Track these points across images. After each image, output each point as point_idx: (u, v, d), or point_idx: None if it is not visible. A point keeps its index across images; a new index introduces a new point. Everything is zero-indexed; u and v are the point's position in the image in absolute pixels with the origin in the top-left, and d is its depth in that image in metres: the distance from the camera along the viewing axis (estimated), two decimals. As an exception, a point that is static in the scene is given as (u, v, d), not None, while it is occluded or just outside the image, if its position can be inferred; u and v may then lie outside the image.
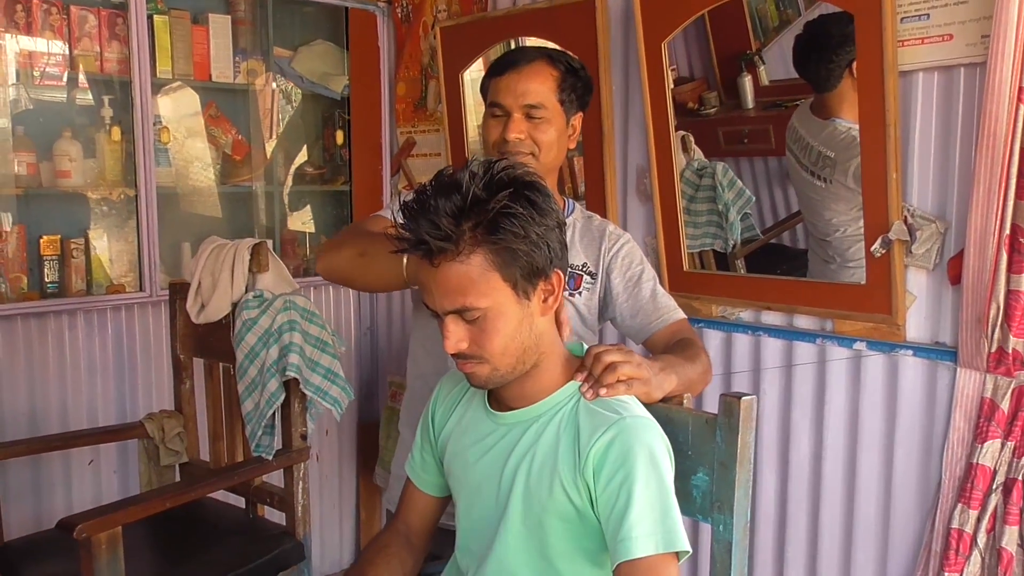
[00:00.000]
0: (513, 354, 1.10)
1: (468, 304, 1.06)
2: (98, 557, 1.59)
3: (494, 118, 1.48)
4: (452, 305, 1.07)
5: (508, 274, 1.06)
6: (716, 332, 2.13)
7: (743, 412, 1.17)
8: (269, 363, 1.95)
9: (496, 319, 1.07)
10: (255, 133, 2.86)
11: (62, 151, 2.39)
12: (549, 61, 1.48)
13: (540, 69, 1.47)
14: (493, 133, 1.47)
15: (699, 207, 2.22)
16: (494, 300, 1.06)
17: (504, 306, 1.07)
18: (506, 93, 1.45)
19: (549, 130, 1.47)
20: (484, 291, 1.05)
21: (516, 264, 1.06)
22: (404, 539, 1.31)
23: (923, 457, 1.77)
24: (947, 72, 1.70)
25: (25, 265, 2.35)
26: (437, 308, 1.09)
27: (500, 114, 1.47)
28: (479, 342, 1.08)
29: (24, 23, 2.29)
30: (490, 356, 1.09)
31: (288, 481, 2.00)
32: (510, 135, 1.44)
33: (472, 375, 1.12)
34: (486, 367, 1.10)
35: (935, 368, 1.74)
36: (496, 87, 1.48)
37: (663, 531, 1.03)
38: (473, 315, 1.07)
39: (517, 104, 1.45)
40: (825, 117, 1.98)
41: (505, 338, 1.08)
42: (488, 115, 1.49)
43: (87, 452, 2.45)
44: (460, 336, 1.09)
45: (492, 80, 1.49)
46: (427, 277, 1.08)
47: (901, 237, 1.73)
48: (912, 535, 1.78)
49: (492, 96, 1.48)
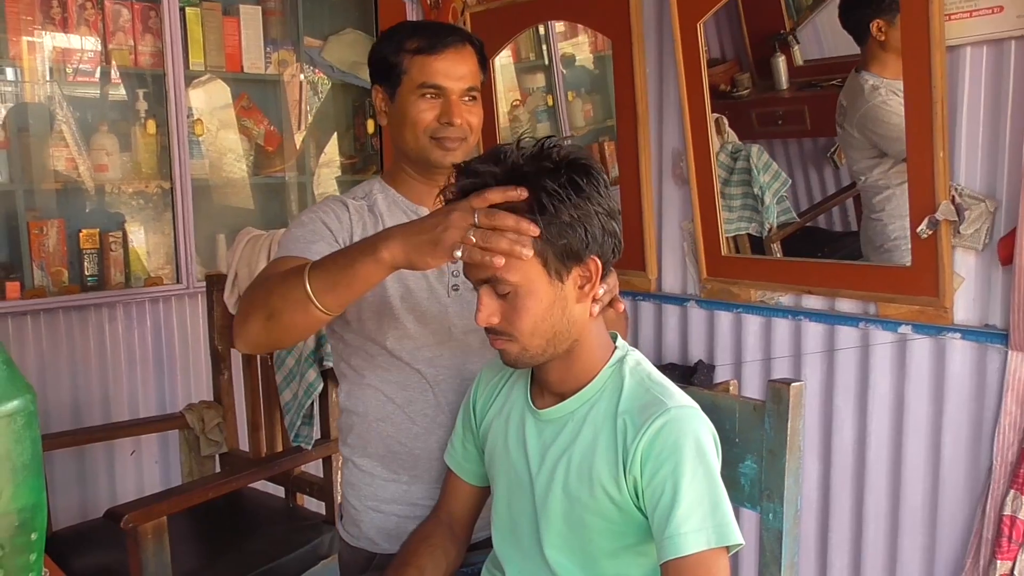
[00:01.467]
0: (543, 335, 1.09)
1: (499, 275, 1.05)
2: (144, 546, 1.61)
3: (426, 99, 1.35)
4: (484, 273, 1.06)
5: (540, 249, 1.04)
6: (755, 317, 2.09)
7: (792, 398, 1.15)
8: (306, 353, 1.96)
9: (527, 297, 1.06)
10: (286, 124, 2.87)
11: (99, 145, 2.42)
12: (469, 41, 1.40)
13: (468, 51, 1.39)
14: (427, 116, 1.35)
15: (733, 191, 2.19)
16: (525, 276, 1.05)
17: (535, 284, 1.06)
18: (444, 75, 1.35)
19: (479, 113, 1.40)
20: (516, 264, 1.04)
21: (549, 239, 1.04)
22: (447, 529, 1.31)
23: (972, 443, 1.73)
24: (997, 46, 1.64)
25: (66, 259, 2.39)
26: (471, 276, 1.09)
27: (434, 96, 1.35)
28: (509, 318, 1.08)
29: (60, 19, 2.32)
30: (519, 334, 1.08)
31: (327, 470, 2.01)
32: (455, 119, 1.35)
33: (503, 352, 1.12)
34: (516, 345, 1.09)
35: (984, 351, 1.70)
36: (431, 68, 1.35)
37: (714, 525, 1.01)
38: (504, 288, 1.06)
39: (456, 87, 1.36)
40: (857, 70, 1.97)
41: (535, 318, 1.07)
42: (417, 97, 1.35)
43: (129, 443, 2.49)
44: (492, 310, 1.08)
45: (420, 58, 1.35)
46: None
47: (949, 217, 1.69)
48: (961, 522, 1.75)
49: (425, 77, 1.34)
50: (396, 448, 1.40)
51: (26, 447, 0.58)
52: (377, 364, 1.40)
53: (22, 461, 0.57)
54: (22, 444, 0.57)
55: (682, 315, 2.26)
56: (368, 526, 1.43)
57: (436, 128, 1.36)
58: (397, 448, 1.40)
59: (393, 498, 1.41)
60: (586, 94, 2.92)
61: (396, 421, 1.40)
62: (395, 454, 1.40)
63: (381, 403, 1.40)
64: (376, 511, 1.42)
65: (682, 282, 2.28)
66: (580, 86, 2.91)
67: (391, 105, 1.39)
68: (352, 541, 1.46)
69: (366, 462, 1.43)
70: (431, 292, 1.38)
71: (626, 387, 1.12)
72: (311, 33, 2.86)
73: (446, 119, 1.35)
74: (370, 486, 1.43)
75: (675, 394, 1.11)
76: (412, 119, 1.36)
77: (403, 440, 1.40)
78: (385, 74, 1.38)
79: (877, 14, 1.88)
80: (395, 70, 1.36)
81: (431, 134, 1.36)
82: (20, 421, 0.57)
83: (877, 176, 1.95)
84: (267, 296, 1.16)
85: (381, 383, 1.40)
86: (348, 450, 1.47)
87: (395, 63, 1.36)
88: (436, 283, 1.39)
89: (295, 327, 1.14)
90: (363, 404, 1.42)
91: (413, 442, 1.39)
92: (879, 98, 1.92)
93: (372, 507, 1.42)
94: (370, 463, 1.43)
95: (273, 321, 1.14)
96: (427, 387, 1.38)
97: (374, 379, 1.40)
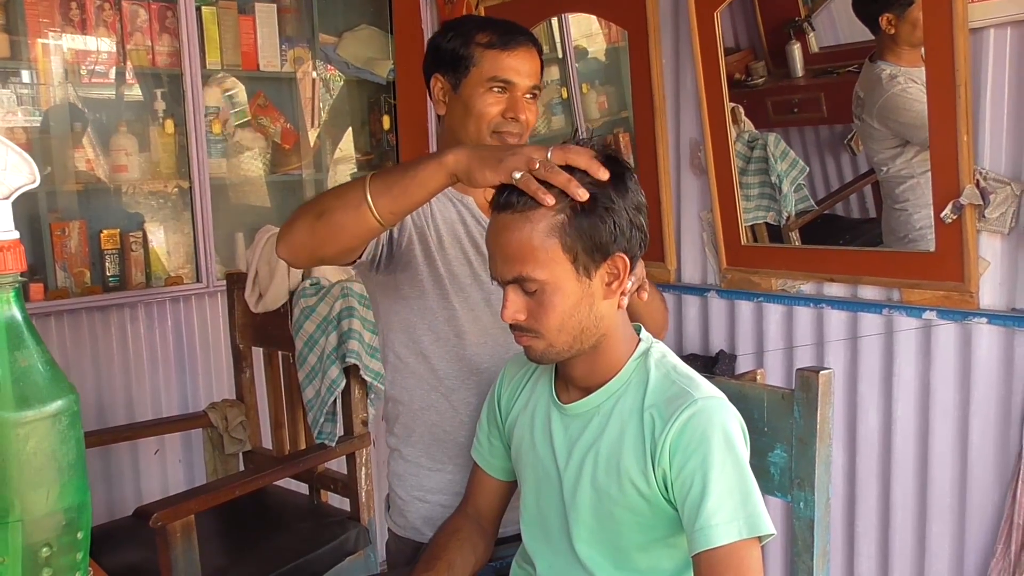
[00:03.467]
0: (570, 332, 1.08)
1: (526, 273, 1.04)
2: (174, 544, 1.63)
3: (493, 93, 1.36)
4: (511, 273, 1.06)
5: (568, 244, 1.04)
6: (777, 306, 2.08)
7: (821, 386, 1.14)
8: (329, 350, 1.96)
9: (554, 294, 1.06)
10: (303, 121, 2.88)
11: (119, 146, 2.44)
12: (535, 42, 1.42)
13: (535, 51, 1.40)
14: (493, 110, 1.36)
15: (751, 179, 2.18)
16: (552, 273, 1.05)
17: (563, 281, 1.06)
18: (516, 71, 1.36)
19: (537, 111, 1.42)
20: (543, 261, 1.04)
21: (578, 234, 1.04)
22: (475, 523, 1.31)
23: (1001, 427, 1.72)
24: (1020, 27, 1.62)
25: (87, 259, 2.40)
26: (497, 275, 1.09)
27: (501, 91, 1.36)
28: (536, 315, 1.07)
29: (79, 20, 2.33)
30: (546, 331, 1.08)
31: (351, 467, 2.01)
32: (521, 115, 1.36)
33: (528, 348, 1.11)
34: (542, 342, 1.09)
35: (1012, 335, 1.69)
36: (504, 63, 1.36)
37: (745, 516, 1.00)
38: (531, 286, 1.06)
39: (525, 84, 1.37)
40: (872, 60, 1.95)
41: (562, 315, 1.07)
42: (485, 90, 1.36)
43: (152, 442, 2.51)
44: (518, 307, 1.07)
45: (493, 52, 1.36)
46: (492, 239, 1.08)
47: (973, 201, 1.67)
48: (991, 507, 1.74)
49: (496, 71, 1.35)
50: (441, 436, 1.42)
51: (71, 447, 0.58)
52: (422, 350, 1.41)
53: (68, 460, 0.58)
54: (67, 444, 0.58)
55: (702, 305, 2.25)
56: (414, 516, 1.45)
57: (500, 122, 1.36)
58: (442, 436, 1.42)
59: (438, 488, 1.43)
60: (600, 86, 2.91)
61: (440, 409, 1.41)
62: (440, 442, 1.42)
63: (425, 392, 1.42)
64: (422, 501, 1.44)
65: (702, 272, 2.27)
66: (594, 78, 2.90)
67: (453, 95, 1.38)
68: (399, 531, 1.49)
69: (411, 451, 1.45)
70: (475, 279, 1.40)
71: (652, 380, 1.11)
72: (326, 30, 2.86)
73: (512, 114, 1.36)
74: (415, 476, 1.45)
75: (701, 385, 1.11)
76: (478, 111, 1.36)
77: (448, 428, 1.41)
78: (451, 64, 1.37)
79: (886, 8, 1.87)
80: (464, 62, 1.36)
81: (495, 128, 1.36)
82: (65, 421, 0.58)
83: (900, 166, 1.93)
84: (322, 198, 1.18)
85: (425, 371, 1.41)
86: (395, 440, 1.49)
87: (465, 55, 1.36)
88: (480, 269, 1.40)
89: (343, 229, 1.15)
90: (408, 393, 1.44)
91: (458, 431, 1.41)
92: (898, 86, 1.91)
93: (418, 497, 1.45)
94: (415, 453, 1.44)
95: (322, 221, 1.15)
96: (470, 375, 1.40)
97: (418, 366, 1.42)
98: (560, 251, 1.04)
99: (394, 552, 1.51)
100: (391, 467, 1.50)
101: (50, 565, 0.58)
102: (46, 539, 0.57)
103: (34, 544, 0.57)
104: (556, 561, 1.18)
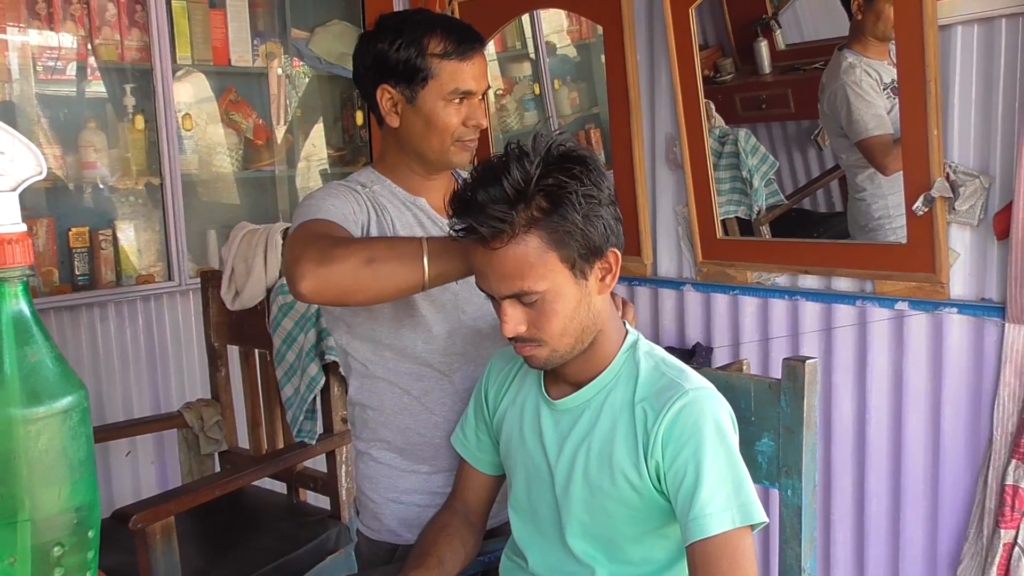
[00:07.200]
0: (572, 334, 1.09)
1: (526, 288, 1.04)
2: (153, 547, 1.60)
3: (454, 104, 1.33)
4: (510, 290, 1.05)
5: (565, 254, 1.04)
6: (752, 299, 2.12)
7: (807, 375, 1.17)
8: (307, 347, 1.94)
9: (555, 301, 1.05)
10: (276, 117, 2.85)
11: (87, 142, 2.39)
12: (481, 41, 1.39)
13: (483, 51, 1.38)
14: (455, 120, 1.34)
15: (722, 175, 2.21)
16: (552, 282, 1.04)
17: (562, 287, 1.05)
18: (475, 79, 1.34)
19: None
20: (542, 273, 1.04)
21: (573, 242, 1.04)
22: (463, 518, 1.31)
23: (972, 414, 1.76)
24: (987, 24, 1.67)
25: (56, 258, 2.35)
26: (494, 293, 1.07)
27: (460, 101, 1.34)
28: (538, 324, 1.07)
29: (46, 15, 2.28)
30: (549, 338, 1.08)
31: (331, 465, 2.00)
32: (483, 121, 1.36)
33: (531, 358, 1.11)
34: (545, 349, 1.09)
35: (982, 325, 1.73)
36: (464, 74, 1.33)
37: (738, 504, 1.02)
38: (531, 298, 1.05)
39: (482, 89, 1.36)
40: (840, 48, 2.00)
41: (564, 319, 1.07)
42: (447, 102, 1.33)
43: (124, 444, 2.46)
44: (518, 320, 1.07)
45: (452, 64, 1.32)
46: (483, 262, 1.06)
47: (944, 194, 1.72)
48: (963, 493, 1.78)
49: (457, 83, 1.32)
50: (415, 439, 1.40)
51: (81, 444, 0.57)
52: (389, 357, 1.39)
53: (78, 458, 0.57)
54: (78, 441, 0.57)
55: (678, 299, 2.28)
56: (390, 518, 1.42)
57: (462, 132, 1.35)
58: (416, 439, 1.40)
59: (414, 488, 1.41)
60: (572, 82, 2.93)
61: (414, 412, 1.39)
62: (415, 445, 1.40)
63: (397, 396, 1.39)
64: (396, 502, 1.42)
65: (678, 266, 2.29)
66: (566, 74, 2.91)
67: (408, 107, 1.34)
68: (372, 535, 1.45)
69: (384, 455, 1.42)
70: None
71: (642, 372, 1.13)
72: (298, 25, 2.83)
73: (473, 122, 1.35)
74: (389, 478, 1.42)
75: (691, 376, 1.12)
76: (443, 124, 1.33)
77: (422, 431, 1.39)
78: (404, 76, 1.32)
79: None
80: (420, 73, 1.32)
81: (457, 138, 1.35)
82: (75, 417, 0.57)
83: (858, 156, 1.98)
84: (370, 246, 1.18)
85: (395, 376, 1.39)
86: (363, 444, 1.45)
87: (421, 66, 1.32)
88: None
89: (391, 281, 1.16)
90: (377, 398, 1.41)
91: (432, 432, 1.39)
92: (852, 77, 1.95)
93: (392, 499, 1.42)
94: (389, 455, 1.42)
95: (371, 268, 1.14)
96: (442, 376, 1.38)
97: (387, 373, 1.39)
98: (557, 261, 1.04)
99: (366, 555, 1.48)
100: (360, 470, 1.47)
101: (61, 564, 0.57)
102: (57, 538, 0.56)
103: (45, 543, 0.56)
104: (549, 554, 1.18)
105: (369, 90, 1.37)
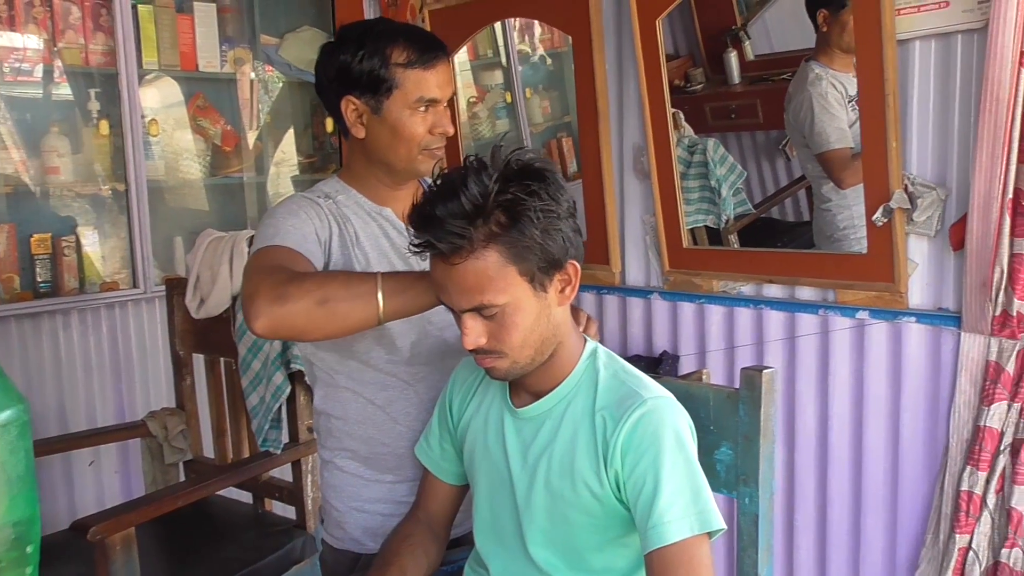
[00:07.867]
0: (532, 346, 1.09)
1: (486, 301, 1.05)
2: (113, 559, 1.58)
3: (419, 113, 1.33)
4: (470, 303, 1.06)
5: (525, 268, 1.05)
6: (718, 307, 2.14)
7: (765, 384, 1.18)
8: (273, 356, 1.93)
9: (515, 314, 1.06)
10: (243, 123, 2.83)
11: (50, 147, 2.35)
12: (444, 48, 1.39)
13: (447, 59, 1.38)
14: (421, 129, 1.33)
15: (691, 184, 2.23)
16: (512, 295, 1.05)
17: (522, 300, 1.06)
18: (439, 87, 1.34)
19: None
20: (502, 287, 1.04)
21: (532, 256, 1.05)
22: (426, 528, 1.31)
23: (930, 422, 1.79)
24: (944, 39, 1.70)
25: (17, 265, 2.32)
26: (454, 306, 1.08)
27: (425, 109, 1.34)
28: (498, 337, 1.08)
29: (7, 17, 2.25)
30: (509, 350, 1.09)
31: (296, 475, 1.98)
32: (449, 129, 1.36)
33: (492, 369, 1.12)
34: (505, 361, 1.10)
35: (939, 334, 1.76)
36: (428, 82, 1.33)
37: (696, 512, 1.03)
38: (491, 311, 1.06)
39: (446, 97, 1.36)
40: (807, 59, 2.03)
41: (524, 332, 1.08)
42: (412, 111, 1.32)
43: (87, 453, 2.43)
44: (479, 332, 1.08)
45: (416, 72, 1.32)
46: (443, 276, 1.07)
47: (902, 205, 1.75)
48: (921, 499, 1.81)
49: (422, 92, 1.32)
50: (380, 449, 1.40)
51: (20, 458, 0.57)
52: (354, 366, 1.38)
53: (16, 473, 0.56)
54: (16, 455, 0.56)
55: (646, 307, 2.29)
56: (353, 527, 1.42)
57: (429, 140, 1.35)
58: (381, 449, 1.39)
59: (378, 497, 1.41)
60: (544, 91, 2.94)
61: (378, 422, 1.39)
62: (379, 455, 1.40)
63: (361, 405, 1.39)
64: (360, 511, 1.41)
65: (645, 275, 2.31)
66: (538, 83, 2.93)
67: (373, 118, 1.34)
68: (336, 544, 1.45)
69: (349, 464, 1.42)
70: None
71: (601, 381, 1.14)
72: (267, 31, 2.82)
73: (440, 130, 1.35)
74: (353, 487, 1.42)
75: (650, 385, 1.13)
76: (409, 134, 1.33)
77: (386, 441, 1.39)
78: (368, 87, 1.32)
79: (822, 3, 1.95)
80: (385, 84, 1.31)
81: (424, 146, 1.35)
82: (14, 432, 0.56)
83: (813, 170, 2.01)
84: (323, 284, 1.17)
85: (359, 386, 1.39)
86: (328, 453, 1.45)
87: (385, 76, 1.31)
88: None
89: (346, 320, 1.17)
90: (341, 407, 1.41)
91: (397, 442, 1.39)
92: (819, 89, 1.98)
93: (356, 508, 1.41)
94: (353, 465, 1.42)
95: (325, 308, 1.15)
96: (407, 386, 1.38)
97: (351, 382, 1.39)
98: (517, 275, 1.05)
99: (330, 564, 1.47)
100: (325, 479, 1.46)
101: (-1, 580, 0.56)
102: (-6, 554, 0.55)
103: (-19, 559, 0.55)
104: (510, 564, 1.19)
105: (333, 102, 1.36)
